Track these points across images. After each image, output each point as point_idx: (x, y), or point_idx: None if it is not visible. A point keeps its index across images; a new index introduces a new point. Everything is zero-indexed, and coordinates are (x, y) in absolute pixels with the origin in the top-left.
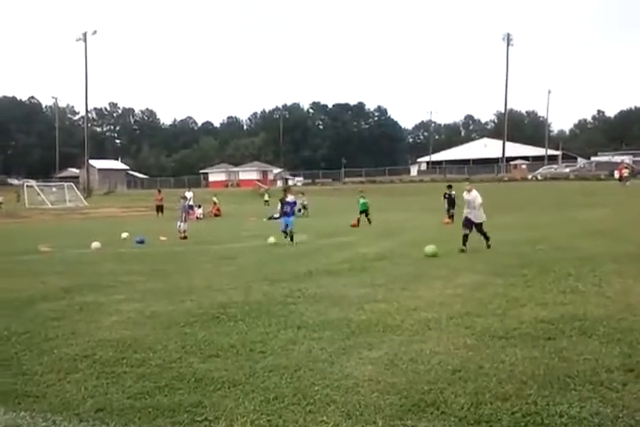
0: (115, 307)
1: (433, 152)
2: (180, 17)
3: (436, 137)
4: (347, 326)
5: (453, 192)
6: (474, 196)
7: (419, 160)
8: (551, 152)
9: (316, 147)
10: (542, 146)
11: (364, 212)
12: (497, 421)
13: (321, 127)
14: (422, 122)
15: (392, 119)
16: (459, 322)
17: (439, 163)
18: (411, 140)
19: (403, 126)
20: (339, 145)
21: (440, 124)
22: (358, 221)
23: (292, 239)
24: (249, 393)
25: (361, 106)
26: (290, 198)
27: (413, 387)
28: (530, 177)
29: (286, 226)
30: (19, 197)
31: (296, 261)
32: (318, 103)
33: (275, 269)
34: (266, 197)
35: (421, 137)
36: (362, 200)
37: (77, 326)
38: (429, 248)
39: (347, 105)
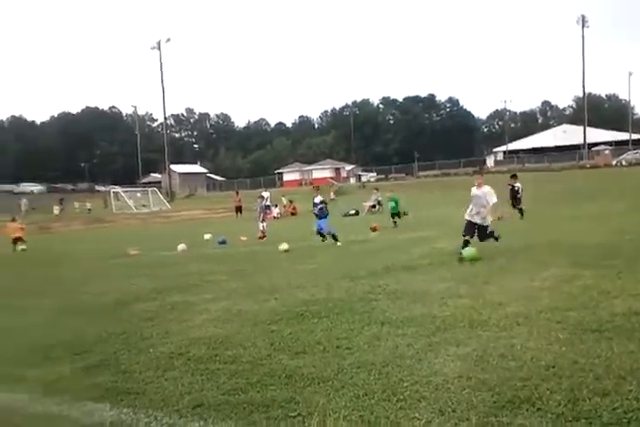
0: (203, 306)
1: (509, 141)
2: (250, 20)
3: (512, 126)
4: (431, 323)
5: (518, 184)
6: (485, 192)
7: (495, 150)
8: (636, 136)
9: (387, 142)
10: (625, 130)
11: (396, 214)
12: (597, 417)
13: (392, 122)
14: (497, 111)
15: (465, 110)
16: (549, 316)
17: (516, 152)
18: (485, 130)
19: (476, 116)
20: (410, 139)
21: (515, 113)
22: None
23: (334, 239)
24: (339, 389)
25: (432, 98)
26: (317, 199)
27: (506, 383)
28: (614, 163)
29: (320, 229)
30: (106, 203)
31: (374, 258)
32: (388, 98)
33: (354, 266)
34: (332, 196)
35: (496, 126)
36: (391, 203)
37: (170, 326)
38: (468, 252)
39: (417, 97)
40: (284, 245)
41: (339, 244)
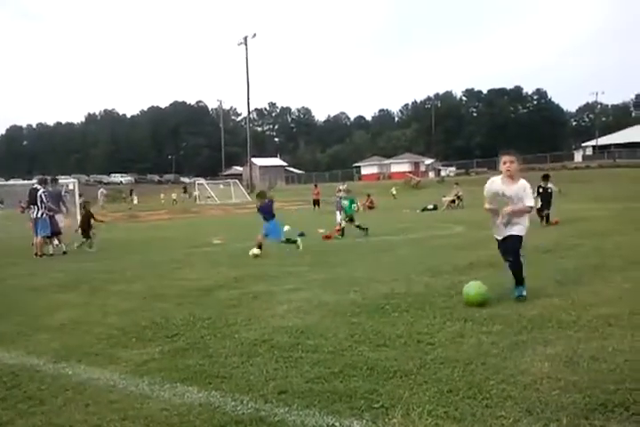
0: (285, 296)
1: (600, 135)
2: (330, 13)
3: (603, 119)
4: (517, 321)
5: (550, 185)
6: (519, 189)
7: (583, 145)
8: None
9: (469, 135)
10: None
11: (350, 218)
12: None
13: (475, 115)
14: (587, 104)
15: (553, 102)
16: None
17: (607, 147)
18: (574, 123)
19: (565, 109)
20: (494, 132)
21: (607, 105)
22: (341, 230)
23: (290, 241)
24: (422, 384)
25: (518, 90)
26: (265, 201)
27: (598, 386)
28: None
29: (266, 235)
30: (190, 194)
31: (456, 253)
32: (472, 90)
33: (434, 261)
34: (393, 191)
35: (586, 120)
36: (345, 202)
37: (253, 313)
38: (472, 290)
39: (502, 90)
40: (255, 250)
41: (254, 251)
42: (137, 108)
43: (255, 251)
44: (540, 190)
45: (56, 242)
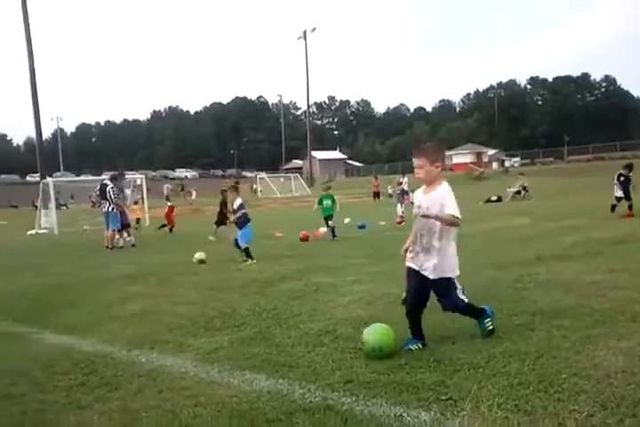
0: (347, 288)
1: None
2: (390, 5)
3: None
4: (588, 315)
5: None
6: (437, 196)
7: None
8: None
9: (534, 124)
10: None
11: (328, 217)
12: None
13: (540, 103)
14: None
15: (622, 89)
16: None
17: None
18: None
19: (636, 96)
20: (560, 121)
21: None
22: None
23: (247, 256)
24: (490, 377)
25: (585, 77)
26: (237, 203)
27: None
28: None
29: (236, 240)
30: (252, 188)
31: (522, 246)
32: (537, 77)
33: (499, 254)
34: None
35: None
36: (327, 200)
37: (316, 305)
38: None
39: (569, 77)
40: (200, 255)
41: (248, 263)
42: (200, 105)
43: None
44: (622, 179)
45: (125, 235)
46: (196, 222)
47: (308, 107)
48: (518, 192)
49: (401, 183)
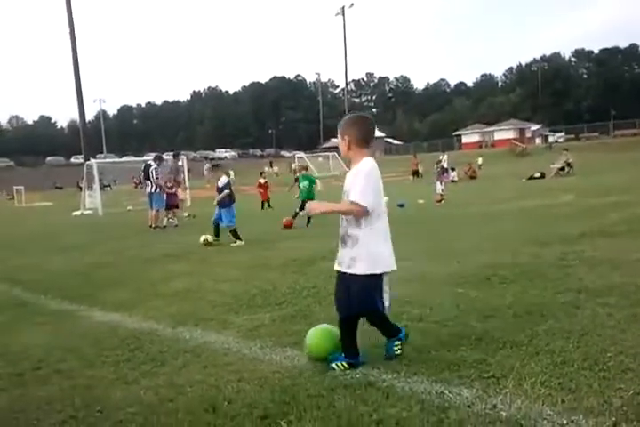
0: None
1: None
2: None
3: None
4: (635, 293)
5: None
6: (351, 174)
7: None
8: None
9: (579, 98)
10: None
11: (306, 200)
12: None
13: (585, 76)
14: None
15: None
16: None
17: None
18: None
19: None
20: (606, 94)
21: None
22: (293, 218)
23: (235, 236)
24: (533, 355)
25: (634, 48)
26: (222, 181)
27: None
28: None
29: (218, 220)
30: (291, 168)
31: (566, 223)
32: (581, 50)
33: (542, 231)
34: (479, 161)
35: None
36: (305, 181)
37: None
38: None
39: (615, 49)
40: (205, 237)
41: (237, 243)
42: (239, 85)
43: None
44: None
45: (170, 215)
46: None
47: (347, 84)
48: (562, 168)
49: (440, 161)
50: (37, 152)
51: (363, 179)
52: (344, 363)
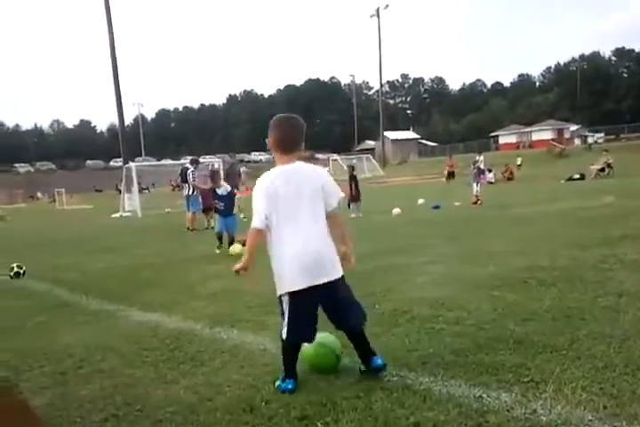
0: (421, 268)
1: None
2: None
3: None
4: None
5: None
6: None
7: None
8: None
9: (619, 98)
10: None
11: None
12: None
13: (626, 75)
14: None
15: None
16: None
17: None
18: None
19: None
20: None
21: None
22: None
23: (227, 242)
24: (574, 360)
25: None
26: (222, 189)
27: None
28: None
29: (224, 229)
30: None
31: (607, 225)
32: (622, 49)
33: (581, 233)
34: (518, 161)
35: None
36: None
37: (390, 285)
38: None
39: None
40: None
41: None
42: (274, 88)
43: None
44: None
45: (209, 217)
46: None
47: (381, 86)
48: (602, 169)
49: (476, 161)
50: (78, 155)
51: (253, 200)
52: (289, 385)
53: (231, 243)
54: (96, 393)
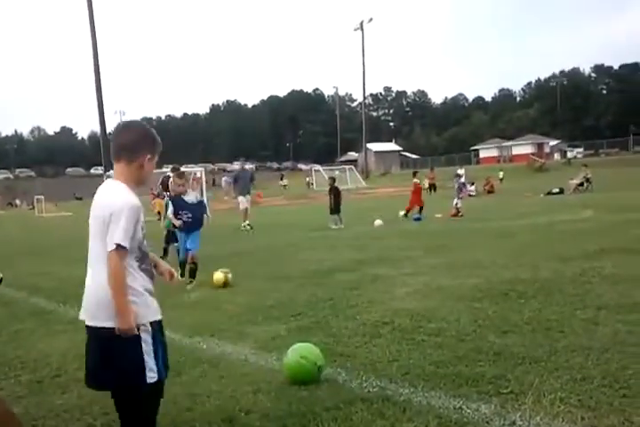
0: (403, 279)
1: None
2: None
3: None
4: None
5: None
6: None
7: None
8: None
9: (598, 114)
10: None
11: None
12: None
13: (605, 92)
14: None
15: None
16: None
17: None
18: None
19: None
20: (627, 110)
21: None
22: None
23: (191, 275)
24: (553, 371)
25: None
26: (191, 196)
27: None
28: None
29: (185, 250)
30: (307, 182)
31: (586, 239)
32: (601, 66)
33: (561, 247)
34: (500, 175)
35: None
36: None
37: (373, 296)
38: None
39: (635, 65)
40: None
41: (188, 287)
42: (257, 98)
43: None
44: None
45: None
46: (254, 214)
47: (364, 99)
48: (581, 184)
49: (458, 175)
50: (58, 163)
51: (125, 214)
52: None
53: (190, 264)
54: (73, 402)
